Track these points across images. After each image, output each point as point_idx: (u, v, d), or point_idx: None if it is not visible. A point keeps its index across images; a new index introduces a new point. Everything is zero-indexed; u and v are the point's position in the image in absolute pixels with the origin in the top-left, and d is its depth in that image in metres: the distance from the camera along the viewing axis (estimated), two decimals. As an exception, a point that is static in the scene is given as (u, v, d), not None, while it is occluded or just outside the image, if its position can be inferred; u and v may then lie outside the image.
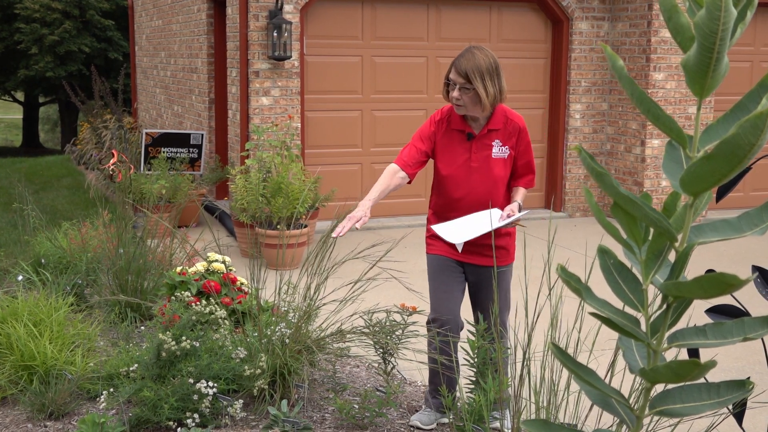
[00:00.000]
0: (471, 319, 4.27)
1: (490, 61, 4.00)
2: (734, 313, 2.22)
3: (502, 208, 4.09)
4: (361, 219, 3.87)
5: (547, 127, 10.42)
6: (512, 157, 4.12)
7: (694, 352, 2.21)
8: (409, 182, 4.19)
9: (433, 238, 4.21)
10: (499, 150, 4.09)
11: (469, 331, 4.18)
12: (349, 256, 4.46)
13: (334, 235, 3.82)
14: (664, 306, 1.82)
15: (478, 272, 4.17)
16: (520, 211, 4.07)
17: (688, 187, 1.63)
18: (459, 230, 4.04)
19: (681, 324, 1.86)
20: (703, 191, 1.63)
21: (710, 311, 2.27)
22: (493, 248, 3.91)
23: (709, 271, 1.97)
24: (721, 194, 2.35)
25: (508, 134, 4.10)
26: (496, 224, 3.98)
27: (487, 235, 4.06)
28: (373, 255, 4.53)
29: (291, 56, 8.87)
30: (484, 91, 3.95)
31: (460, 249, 4.08)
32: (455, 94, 3.99)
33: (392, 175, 4.11)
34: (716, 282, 1.59)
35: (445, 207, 4.19)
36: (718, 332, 1.77)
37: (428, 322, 4.17)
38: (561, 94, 10.21)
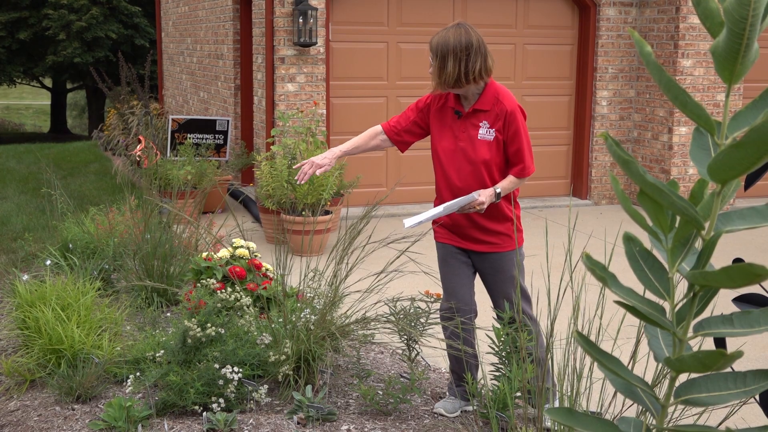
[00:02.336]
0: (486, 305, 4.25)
1: (461, 40, 3.86)
2: (762, 302, 2.20)
3: None
4: (324, 167, 4.05)
5: (573, 114, 10.36)
6: (500, 141, 3.95)
7: (720, 342, 2.19)
8: (401, 151, 4.24)
9: (438, 225, 4.18)
10: (486, 132, 3.95)
11: (494, 318, 4.17)
12: (376, 246, 4.46)
13: (297, 180, 4.02)
14: (690, 294, 1.80)
15: (480, 259, 4.11)
16: (498, 198, 3.91)
17: (716, 175, 1.61)
18: (423, 215, 3.91)
19: (706, 312, 1.85)
20: (731, 179, 1.61)
21: (737, 300, 2.25)
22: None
23: (737, 260, 1.95)
24: (749, 182, 2.32)
25: (495, 116, 3.95)
26: (446, 208, 3.86)
27: (486, 221, 4.00)
28: (397, 239, 4.53)
29: (316, 42, 8.87)
30: (443, 70, 3.87)
31: (405, 225, 3.87)
32: (430, 70, 3.97)
33: (372, 136, 4.18)
34: (744, 272, 1.57)
35: (439, 186, 4.14)
36: (745, 321, 1.76)
37: (441, 310, 4.16)
38: (587, 81, 10.14)
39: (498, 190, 3.93)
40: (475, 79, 3.89)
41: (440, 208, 3.90)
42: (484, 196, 3.86)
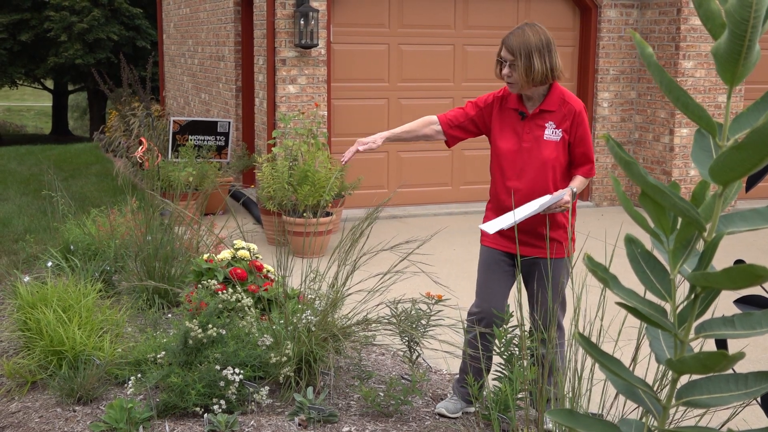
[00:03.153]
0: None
1: (541, 38, 3.87)
2: (764, 303, 2.20)
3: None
4: (367, 143, 4.08)
5: (574, 116, 10.35)
6: (566, 141, 3.95)
7: (722, 343, 2.19)
8: (448, 145, 4.22)
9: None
10: (552, 132, 3.95)
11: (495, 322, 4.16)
12: (377, 248, 4.46)
13: (343, 160, 4.04)
14: (692, 296, 1.80)
15: (527, 263, 4.06)
16: (574, 198, 3.89)
17: (718, 177, 1.61)
18: (504, 218, 3.88)
19: (708, 314, 1.85)
20: (732, 180, 1.61)
21: (739, 302, 2.24)
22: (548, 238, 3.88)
23: (739, 261, 1.95)
24: (751, 183, 2.32)
25: (562, 117, 3.95)
26: (534, 209, 3.80)
27: (538, 225, 3.96)
28: (400, 244, 4.53)
29: (318, 44, 8.87)
30: (531, 68, 3.85)
31: (489, 231, 3.88)
32: (505, 71, 3.92)
33: (425, 124, 4.17)
34: (745, 273, 1.57)
35: (495, 187, 4.10)
36: (747, 323, 1.76)
37: (470, 314, 4.13)
38: (589, 83, 10.14)
39: (574, 190, 3.93)
40: (558, 76, 3.93)
41: (528, 209, 3.84)
42: (567, 195, 3.87)
